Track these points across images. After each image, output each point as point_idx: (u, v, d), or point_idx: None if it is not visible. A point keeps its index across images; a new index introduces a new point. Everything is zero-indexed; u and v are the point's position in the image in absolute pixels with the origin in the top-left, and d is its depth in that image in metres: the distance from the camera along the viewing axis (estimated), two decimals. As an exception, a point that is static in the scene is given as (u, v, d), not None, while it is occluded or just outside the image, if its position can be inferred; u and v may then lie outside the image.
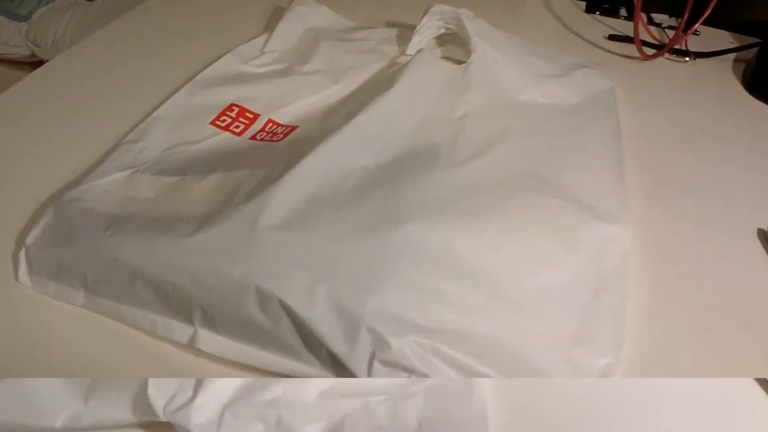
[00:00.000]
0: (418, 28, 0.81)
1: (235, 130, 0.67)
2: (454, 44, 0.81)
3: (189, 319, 0.48)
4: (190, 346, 0.47)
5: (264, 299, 0.45)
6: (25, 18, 2.01)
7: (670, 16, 1.00)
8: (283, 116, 0.70)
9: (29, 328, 0.50)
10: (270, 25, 0.86)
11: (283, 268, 0.47)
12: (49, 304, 0.52)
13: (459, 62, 0.74)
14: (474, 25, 0.76)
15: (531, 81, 0.73)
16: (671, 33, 0.94)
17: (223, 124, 0.67)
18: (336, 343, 0.44)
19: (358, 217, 0.52)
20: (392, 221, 0.51)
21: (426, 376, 0.44)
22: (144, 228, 0.51)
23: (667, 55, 0.88)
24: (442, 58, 0.81)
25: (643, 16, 0.96)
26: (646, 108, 0.78)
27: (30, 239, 0.53)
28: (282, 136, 0.66)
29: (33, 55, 2.04)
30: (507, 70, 0.73)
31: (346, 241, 0.49)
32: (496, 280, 0.49)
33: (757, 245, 0.59)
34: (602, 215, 0.56)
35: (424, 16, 0.81)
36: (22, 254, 0.53)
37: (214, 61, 0.77)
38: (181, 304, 0.48)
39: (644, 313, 0.52)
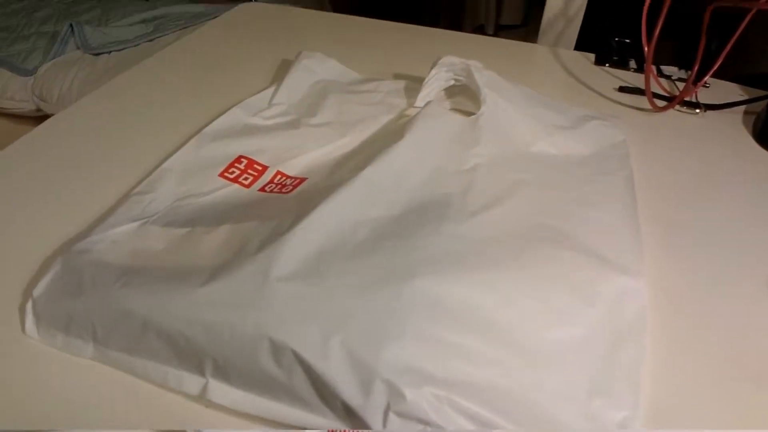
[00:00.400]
0: (426, 79, 0.81)
1: (243, 182, 0.67)
2: (463, 96, 0.81)
3: (200, 371, 0.47)
4: (202, 398, 0.47)
5: (277, 350, 0.45)
6: (30, 72, 2.04)
7: (680, 68, 1.00)
8: (292, 168, 0.69)
9: (36, 381, 0.49)
10: (278, 78, 0.87)
11: (296, 319, 0.46)
12: (57, 356, 0.51)
13: (469, 114, 0.74)
14: (483, 77, 0.76)
15: (542, 133, 0.73)
16: (681, 85, 0.95)
17: (231, 176, 0.67)
18: (351, 394, 0.44)
19: (369, 269, 0.51)
20: (403, 274, 0.50)
21: (442, 428, 0.43)
22: (155, 280, 0.51)
23: (677, 107, 0.88)
24: (452, 109, 0.81)
25: (653, 68, 0.97)
26: (657, 159, 0.77)
27: (37, 291, 0.53)
28: (291, 188, 0.66)
29: (39, 110, 2.06)
30: (517, 121, 0.73)
31: (357, 292, 0.49)
32: (512, 334, 0.48)
33: (771, 298, 0.59)
34: (619, 268, 0.55)
35: (432, 67, 0.81)
36: (29, 306, 0.52)
37: (222, 113, 0.77)
38: (192, 355, 0.47)
39: (657, 364, 0.51)
